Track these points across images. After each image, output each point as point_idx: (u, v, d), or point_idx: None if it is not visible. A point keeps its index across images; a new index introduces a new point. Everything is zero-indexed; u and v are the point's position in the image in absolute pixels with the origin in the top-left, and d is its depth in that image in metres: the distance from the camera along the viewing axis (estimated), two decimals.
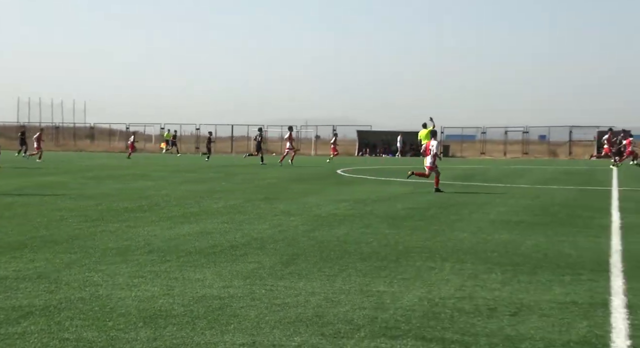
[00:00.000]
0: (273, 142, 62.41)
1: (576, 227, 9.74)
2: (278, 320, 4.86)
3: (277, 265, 6.86)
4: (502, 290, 5.79)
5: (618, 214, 11.31)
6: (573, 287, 5.87)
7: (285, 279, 6.22)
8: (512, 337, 4.46)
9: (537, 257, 7.31)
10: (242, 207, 12.44)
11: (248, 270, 6.61)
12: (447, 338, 4.44)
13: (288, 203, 13.05)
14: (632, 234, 9.00)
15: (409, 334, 4.52)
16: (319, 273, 6.49)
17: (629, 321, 4.80)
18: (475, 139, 57.90)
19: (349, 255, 7.46)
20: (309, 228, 9.55)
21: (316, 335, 4.52)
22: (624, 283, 6.03)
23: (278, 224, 10.02)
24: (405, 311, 5.09)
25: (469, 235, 8.95)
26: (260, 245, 8.07)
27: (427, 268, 6.73)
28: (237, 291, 5.73)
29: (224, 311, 5.10)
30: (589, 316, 4.94)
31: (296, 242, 8.32)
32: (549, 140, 54.98)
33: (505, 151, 51.97)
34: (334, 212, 11.55)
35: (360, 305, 5.25)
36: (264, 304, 5.30)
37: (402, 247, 8.01)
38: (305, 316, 4.96)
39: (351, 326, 4.71)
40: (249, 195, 14.82)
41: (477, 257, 7.35)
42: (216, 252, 7.64)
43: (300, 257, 7.31)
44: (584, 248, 7.87)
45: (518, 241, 8.43)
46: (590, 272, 6.51)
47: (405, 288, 5.87)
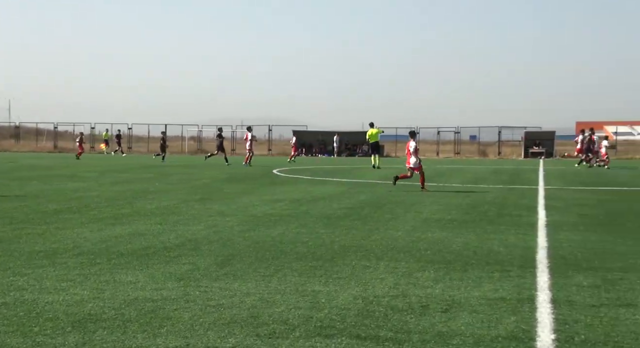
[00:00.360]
0: (208, 142, 61.71)
1: (505, 225, 10.04)
2: (212, 321, 4.81)
3: (211, 266, 6.78)
4: (435, 287, 5.91)
5: (544, 212, 11.73)
6: (502, 284, 6.05)
7: (220, 280, 6.16)
8: (443, 333, 4.56)
9: (468, 255, 7.50)
10: (176, 207, 12.25)
11: (182, 272, 6.51)
12: (381, 336, 4.50)
13: (223, 204, 12.93)
14: (557, 231, 9.35)
15: (343, 333, 4.56)
16: (255, 273, 6.46)
17: (554, 315, 4.98)
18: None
19: (285, 255, 7.46)
20: (245, 229, 9.49)
21: (251, 336, 4.50)
22: (549, 279, 6.25)
23: (213, 225, 9.91)
24: (340, 310, 5.13)
25: (403, 233, 9.10)
26: (194, 246, 7.97)
27: (362, 267, 6.80)
28: (171, 293, 5.64)
29: (157, 314, 5.00)
30: (516, 311, 5.10)
31: (231, 243, 8.25)
32: (479, 141, 56.52)
33: (437, 151, 53.09)
34: (270, 212, 11.52)
35: (296, 305, 5.26)
36: (198, 306, 5.23)
37: (338, 246, 8.06)
38: (240, 317, 4.92)
39: (286, 326, 4.71)
40: (184, 196, 14.60)
41: (411, 255, 7.47)
42: (149, 253, 7.49)
43: (236, 258, 7.25)
44: (513, 246, 8.13)
45: (450, 239, 8.62)
46: (518, 269, 6.72)
47: (341, 287, 5.91)
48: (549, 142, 50.65)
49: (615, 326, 4.72)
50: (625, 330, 4.62)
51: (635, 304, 5.32)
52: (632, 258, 7.27)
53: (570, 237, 8.79)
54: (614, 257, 7.39)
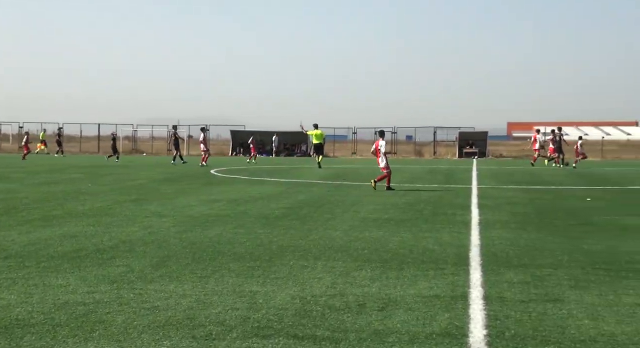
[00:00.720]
0: (143, 141, 60.50)
1: (440, 224, 10.25)
2: (147, 324, 4.72)
3: (146, 268, 6.65)
4: (372, 286, 5.97)
5: (477, 211, 12.03)
6: (436, 281, 6.17)
7: (156, 282, 6.05)
8: (379, 331, 4.61)
9: (404, 253, 7.61)
10: (109, 208, 11.95)
11: (115, 274, 6.36)
12: (318, 335, 4.52)
13: (159, 205, 12.70)
14: (489, 229, 9.61)
15: (281, 333, 4.55)
16: (191, 275, 6.37)
17: (486, 312, 5.11)
18: (347, 139, 59.36)
19: (222, 255, 7.39)
20: (181, 230, 9.35)
21: (187, 338, 4.43)
22: (482, 276, 6.42)
23: (148, 226, 9.72)
24: (277, 310, 5.12)
25: (341, 233, 9.16)
26: (129, 248, 7.80)
27: (300, 267, 6.81)
28: (104, 296, 5.50)
29: (89, 317, 4.87)
30: (450, 308, 5.21)
31: (167, 244, 8.12)
32: (415, 141, 57.52)
33: None
34: (207, 213, 11.39)
35: (233, 306, 5.22)
36: (132, 309, 5.12)
37: (276, 246, 8.05)
38: (176, 319, 4.85)
39: (223, 327, 4.66)
40: (118, 197, 14.27)
41: (349, 254, 7.53)
42: (81, 256, 7.28)
43: (172, 259, 7.14)
44: (447, 244, 8.30)
45: (387, 238, 8.73)
46: (452, 266, 6.87)
47: (278, 287, 5.90)
48: (481, 142, 52.00)
49: (543, 321, 4.89)
50: (552, 325, 4.79)
51: (562, 299, 5.52)
52: (560, 255, 7.55)
53: (502, 235, 9.05)
54: (543, 253, 7.65)
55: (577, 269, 6.75)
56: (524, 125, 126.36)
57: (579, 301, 5.45)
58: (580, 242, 8.47)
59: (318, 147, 30.02)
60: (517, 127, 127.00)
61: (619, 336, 4.54)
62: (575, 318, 4.94)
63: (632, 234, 9.23)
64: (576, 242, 8.47)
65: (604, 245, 8.25)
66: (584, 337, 4.50)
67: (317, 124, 30.26)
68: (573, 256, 7.49)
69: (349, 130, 56.90)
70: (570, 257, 7.45)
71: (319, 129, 30.05)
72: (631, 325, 4.79)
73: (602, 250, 7.88)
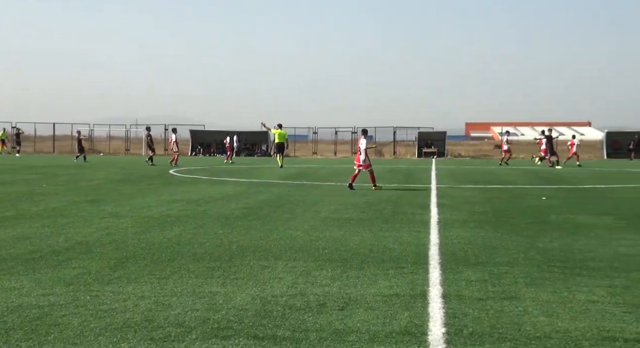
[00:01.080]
0: (100, 141, 59.46)
1: (399, 223, 10.33)
2: (104, 326, 4.64)
3: (104, 270, 6.54)
4: (332, 285, 5.98)
5: (436, 210, 12.17)
6: (396, 280, 6.21)
7: (113, 284, 5.95)
8: (340, 330, 4.62)
9: (364, 253, 7.65)
10: (65, 209, 11.71)
11: (71, 276, 6.24)
12: (279, 335, 4.51)
13: (116, 205, 12.50)
14: (448, 229, 9.73)
15: (241, 334, 4.53)
16: (150, 276, 6.29)
17: (444, 310, 5.18)
18: (307, 138, 59.40)
19: (182, 256, 7.31)
20: (139, 231, 9.22)
21: (145, 340, 4.37)
22: (441, 274, 6.50)
23: (105, 227, 9.56)
24: (237, 311, 5.09)
25: (301, 233, 9.15)
26: (85, 250, 7.65)
27: (261, 267, 6.78)
28: (59, 299, 5.38)
29: (44, 320, 4.76)
30: (409, 307, 5.26)
31: (125, 245, 7.99)
32: (375, 140, 57.88)
33: (335, 151, 53.88)
34: (166, 213, 11.25)
35: (192, 307, 5.17)
36: (89, 311, 5.02)
37: (236, 246, 8.00)
38: (134, 321, 4.78)
39: (182, 329, 4.61)
40: (73, 197, 13.99)
41: (309, 254, 7.53)
42: (35, 258, 7.11)
43: (130, 261, 7.03)
44: (407, 243, 8.37)
45: (347, 238, 8.76)
46: (411, 265, 6.93)
47: (238, 288, 5.86)
48: (440, 142, 52.66)
49: (499, 318, 4.97)
50: (509, 322, 4.88)
51: (518, 297, 5.62)
52: (517, 253, 7.69)
53: (461, 234, 9.17)
54: (500, 252, 7.79)
55: (532, 267, 6.88)
56: (481, 126, 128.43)
57: (535, 298, 5.57)
58: (536, 240, 8.65)
59: (280, 146, 30.24)
60: (474, 128, 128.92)
61: (572, 332, 4.64)
62: (531, 315, 5.04)
63: (585, 232, 9.47)
64: (532, 240, 8.64)
65: (558, 243, 8.43)
66: (540, 334, 4.60)
67: (281, 124, 30.59)
68: (529, 254, 7.64)
69: (309, 129, 56.96)
70: (526, 255, 7.59)
71: (282, 129, 30.32)
72: (584, 321, 4.91)
73: (557, 248, 8.06)
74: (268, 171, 26.22)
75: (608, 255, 7.64)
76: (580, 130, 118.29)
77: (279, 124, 30.55)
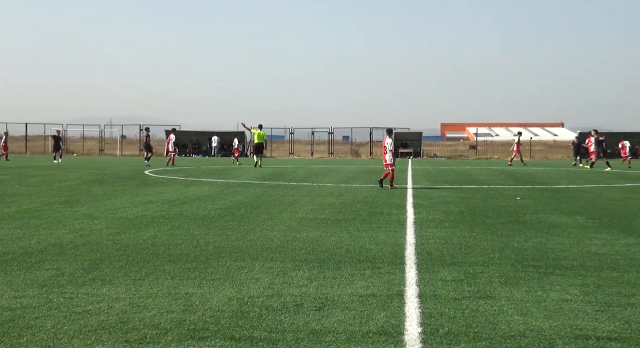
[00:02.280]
0: (74, 142, 58.76)
1: (376, 223, 10.37)
2: (78, 329, 4.58)
3: (78, 272, 6.46)
4: (309, 286, 5.98)
5: (412, 210, 12.24)
6: (373, 280, 6.23)
7: (87, 285, 5.88)
8: (317, 331, 4.62)
9: (341, 253, 7.66)
10: (38, 211, 11.55)
11: (44, 278, 6.15)
12: (256, 336, 4.49)
13: (90, 206, 12.36)
14: (424, 228, 9.79)
15: (217, 335, 4.50)
16: (125, 277, 6.23)
17: (420, 309, 5.21)
18: (284, 139, 59.36)
19: (157, 257, 7.25)
20: (114, 232, 9.13)
21: (120, 342, 4.33)
22: (417, 274, 6.53)
23: (79, 228, 9.44)
24: (214, 312, 5.06)
25: (278, 233, 9.14)
26: (59, 251, 7.55)
27: (237, 268, 6.75)
28: (32, 301, 5.31)
29: (16, 323, 4.69)
30: (386, 307, 5.28)
31: (100, 247, 7.90)
32: (351, 141, 58.03)
33: (312, 151, 53.87)
34: (141, 214, 11.15)
35: (168, 309, 5.13)
36: (62, 313, 4.96)
37: (212, 247, 7.96)
38: (109, 323, 4.73)
39: (158, 330, 4.58)
40: (47, 199, 13.80)
41: (286, 254, 7.52)
42: (7, 260, 7.00)
43: (104, 262, 6.95)
44: (383, 243, 8.40)
45: (324, 238, 8.77)
46: (388, 265, 6.96)
47: (215, 289, 5.83)
48: (416, 143, 52.98)
49: (475, 317, 5.01)
50: (484, 321, 4.92)
51: (493, 296, 5.67)
52: (492, 253, 7.76)
53: (436, 234, 9.23)
54: (475, 251, 7.85)
55: (507, 266, 6.96)
56: (456, 126, 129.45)
57: (509, 297, 5.62)
58: (511, 240, 8.74)
59: (258, 147, 30.78)
60: (450, 128, 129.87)
61: (546, 331, 4.70)
62: (505, 314, 5.09)
63: (558, 231, 9.59)
64: (506, 240, 8.73)
65: (532, 243, 8.53)
66: (514, 333, 4.65)
67: (261, 125, 31.33)
68: (504, 253, 7.72)
69: (286, 130, 56.92)
70: (501, 254, 7.67)
71: (262, 129, 31.01)
72: (558, 319, 4.98)
73: (531, 248, 8.15)
74: (245, 171, 26.13)
75: (580, 254, 7.75)
76: (553, 130, 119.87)
77: (260, 125, 31.15)
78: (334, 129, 55.20)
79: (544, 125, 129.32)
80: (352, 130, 57.39)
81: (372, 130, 54.43)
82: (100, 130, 57.14)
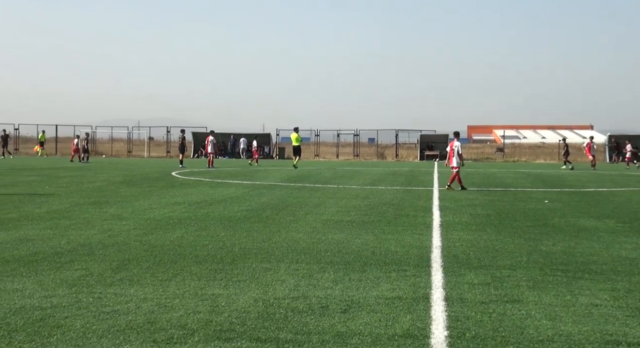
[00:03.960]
0: (103, 143, 59.54)
1: (402, 226, 10.33)
2: (106, 328, 4.64)
3: (106, 272, 6.54)
4: (334, 288, 5.98)
5: (438, 213, 12.17)
6: (398, 283, 6.21)
7: (115, 286, 5.95)
8: (342, 333, 4.62)
9: (367, 255, 7.65)
10: (67, 211, 11.72)
11: (74, 278, 6.24)
12: (281, 338, 4.50)
13: (119, 207, 12.51)
14: (450, 231, 9.73)
15: (243, 336, 4.52)
16: (152, 278, 6.29)
17: (447, 313, 5.17)
18: (309, 141, 59.43)
19: (184, 258, 7.31)
20: (142, 233, 9.23)
21: (148, 342, 4.37)
22: (443, 277, 6.49)
23: (108, 229, 9.56)
24: (240, 313, 5.09)
25: (303, 235, 9.15)
26: (88, 252, 7.66)
27: (263, 269, 6.78)
28: (62, 300, 5.39)
29: (46, 322, 4.76)
30: (412, 310, 5.25)
31: (127, 247, 8.00)
32: (377, 143, 57.84)
33: (337, 153, 53.87)
34: (168, 215, 11.26)
35: (195, 309, 5.16)
36: (92, 313, 5.02)
37: (238, 249, 8.00)
38: (136, 323, 4.78)
39: (185, 331, 4.61)
40: (76, 199, 14.00)
41: (312, 256, 7.53)
42: (38, 260, 7.12)
43: (132, 263, 7.03)
44: (409, 246, 8.37)
45: (349, 240, 8.76)
46: (414, 268, 6.93)
47: (241, 290, 5.86)
48: (442, 145, 52.56)
49: (502, 321, 4.96)
50: (511, 325, 4.87)
51: (521, 300, 5.61)
52: (519, 256, 7.68)
53: (463, 237, 9.16)
54: (503, 255, 7.78)
55: (535, 270, 6.87)
56: (483, 129, 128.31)
57: (537, 301, 5.56)
58: (539, 244, 8.64)
59: (296, 149, 32.62)
60: (476, 130, 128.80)
61: (575, 336, 4.64)
62: (533, 319, 5.03)
63: (587, 235, 9.45)
64: (534, 244, 8.63)
65: (560, 247, 8.42)
66: (542, 337, 4.59)
67: (297, 128, 32.95)
68: (531, 257, 7.63)
69: (311, 132, 56.97)
70: (529, 258, 7.58)
71: (298, 132, 32.70)
72: (587, 324, 4.90)
73: (559, 251, 8.05)
74: (270, 173, 26.22)
75: (610, 258, 7.63)
76: (582, 133, 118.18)
77: (295, 128, 32.82)
78: (359, 131, 55.13)
79: (573, 127, 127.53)
80: (378, 132, 57.24)
81: (398, 133, 54.24)
82: (128, 132, 57.80)
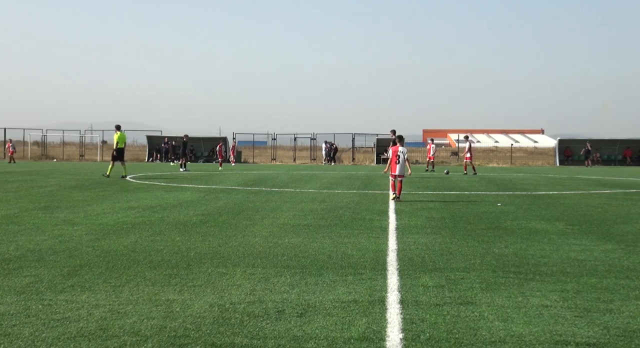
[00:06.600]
0: (54, 147, 58.19)
1: (358, 229, 10.38)
2: (56, 336, 4.53)
3: (57, 278, 6.39)
4: (291, 292, 5.97)
5: (394, 216, 12.27)
6: (355, 286, 6.24)
7: (66, 292, 5.82)
8: (298, 337, 4.61)
9: (323, 259, 7.66)
10: (16, 216, 11.41)
11: (23, 285, 6.07)
12: (237, 343, 4.47)
13: (70, 212, 12.24)
14: (406, 234, 9.82)
15: (198, 341, 4.48)
16: (105, 284, 6.17)
17: (402, 315, 5.22)
18: (266, 144, 59.27)
19: (138, 264, 7.20)
20: (94, 238, 9.04)
21: None
22: (398, 280, 6.55)
23: (59, 234, 9.34)
24: (195, 318, 5.03)
25: (260, 239, 9.11)
26: (37, 258, 7.46)
27: (219, 274, 6.72)
28: (9, 308, 5.24)
29: None
30: (368, 313, 5.28)
31: (79, 253, 7.83)
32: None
33: (294, 157, 53.87)
34: (122, 220, 11.07)
35: (149, 315, 5.09)
36: (41, 320, 4.90)
37: (194, 253, 7.92)
38: (88, 330, 4.68)
39: (138, 337, 4.54)
40: (25, 204, 13.64)
41: (268, 261, 7.50)
42: None
43: (84, 268, 6.89)
44: (365, 249, 8.42)
45: (306, 244, 8.76)
46: (370, 271, 6.97)
47: (196, 295, 5.80)
48: None
49: (456, 323, 5.03)
50: (465, 327, 4.95)
51: (474, 302, 5.70)
52: (473, 259, 7.80)
53: (418, 240, 9.26)
54: (457, 257, 7.89)
55: (488, 272, 7.00)
56: (438, 133, 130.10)
57: (490, 303, 5.65)
58: (492, 246, 8.79)
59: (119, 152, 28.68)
60: (431, 134, 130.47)
61: (526, 336, 4.73)
62: (486, 320, 5.12)
63: (538, 237, 9.67)
64: (487, 246, 8.79)
65: (513, 249, 8.59)
66: (495, 338, 4.67)
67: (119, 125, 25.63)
68: (485, 259, 7.76)
69: (268, 136, 56.88)
70: (482, 260, 7.71)
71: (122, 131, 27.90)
72: (538, 325, 5.01)
73: (511, 254, 8.21)
74: (226, 177, 26.03)
75: (560, 260, 7.82)
76: (534, 137, 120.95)
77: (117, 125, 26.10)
78: (316, 134, 55.24)
79: (525, 132, 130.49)
80: (334, 136, 57.48)
81: (355, 136, 54.56)
82: (80, 136, 56.65)
